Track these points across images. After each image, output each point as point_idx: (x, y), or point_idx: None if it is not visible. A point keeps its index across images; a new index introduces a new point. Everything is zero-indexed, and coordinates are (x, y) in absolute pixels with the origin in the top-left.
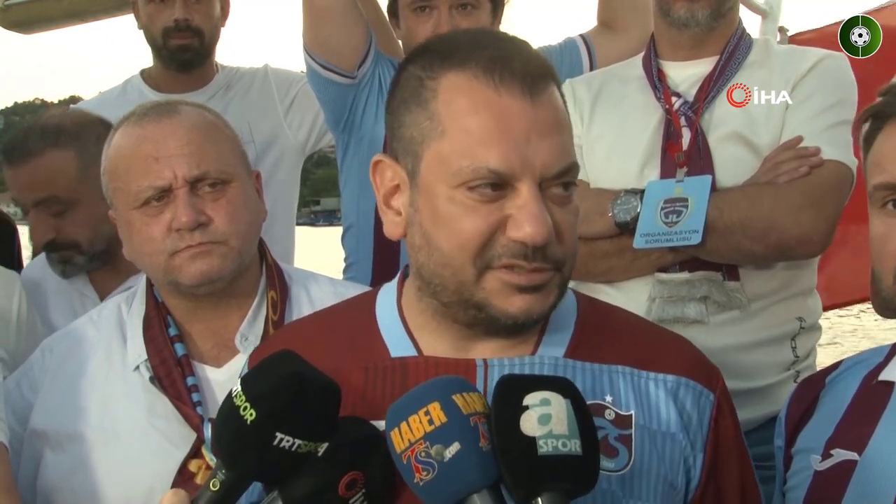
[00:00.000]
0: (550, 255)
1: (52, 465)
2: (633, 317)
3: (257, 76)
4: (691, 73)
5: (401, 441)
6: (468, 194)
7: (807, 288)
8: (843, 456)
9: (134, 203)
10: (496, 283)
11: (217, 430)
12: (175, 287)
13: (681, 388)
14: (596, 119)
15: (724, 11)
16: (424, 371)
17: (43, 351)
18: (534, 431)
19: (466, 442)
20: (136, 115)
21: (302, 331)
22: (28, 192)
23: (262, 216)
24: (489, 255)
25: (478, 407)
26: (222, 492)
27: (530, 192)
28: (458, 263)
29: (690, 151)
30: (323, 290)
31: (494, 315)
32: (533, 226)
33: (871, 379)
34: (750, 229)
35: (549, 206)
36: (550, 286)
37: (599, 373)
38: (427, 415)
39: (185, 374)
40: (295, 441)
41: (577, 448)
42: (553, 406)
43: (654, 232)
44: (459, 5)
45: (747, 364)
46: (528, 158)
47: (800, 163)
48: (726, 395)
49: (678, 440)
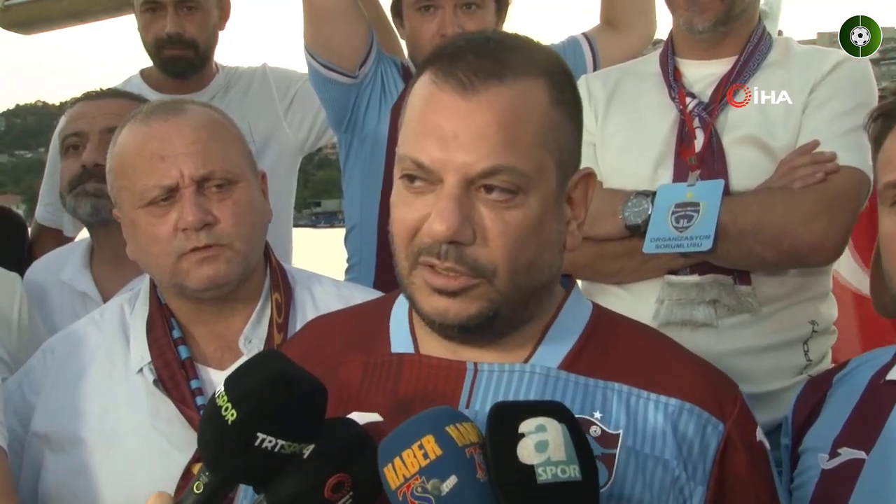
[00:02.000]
0: (469, 259)
1: (53, 469)
2: (653, 336)
3: (256, 75)
4: (709, 72)
5: (395, 477)
6: (403, 183)
7: (821, 292)
8: (851, 455)
9: (140, 202)
10: (419, 280)
11: (200, 432)
12: (180, 290)
13: (683, 414)
14: (610, 117)
15: (737, 14)
16: (417, 369)
17: (44, 352)
18: (532, 459)
19: (463, 474)
20: (142, 113)
21: (331, 322)
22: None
23: (268, 217)
24: (415, 248)
25: (472, 437)
26: (206, 494)
27: (448, 188)
28: (399, 252)
29: (704, 154)
30: (327, 291)
31: (420, 312)
32: (437, 221)
33: (878, 378)
34: (762, 235)
35: (475, 208)
36: (472, 295)
37: (593, 388)
38: (421, 448)
39: (189, 377)
40: (278, 442)
41: (576, 473)
42: (549, 432)
43: (665, 237)
44: (464, 4)
45: (758, 368)
46: (450, 155)
47: (815, 168)
48: (742, 425)
49: (670, 467)
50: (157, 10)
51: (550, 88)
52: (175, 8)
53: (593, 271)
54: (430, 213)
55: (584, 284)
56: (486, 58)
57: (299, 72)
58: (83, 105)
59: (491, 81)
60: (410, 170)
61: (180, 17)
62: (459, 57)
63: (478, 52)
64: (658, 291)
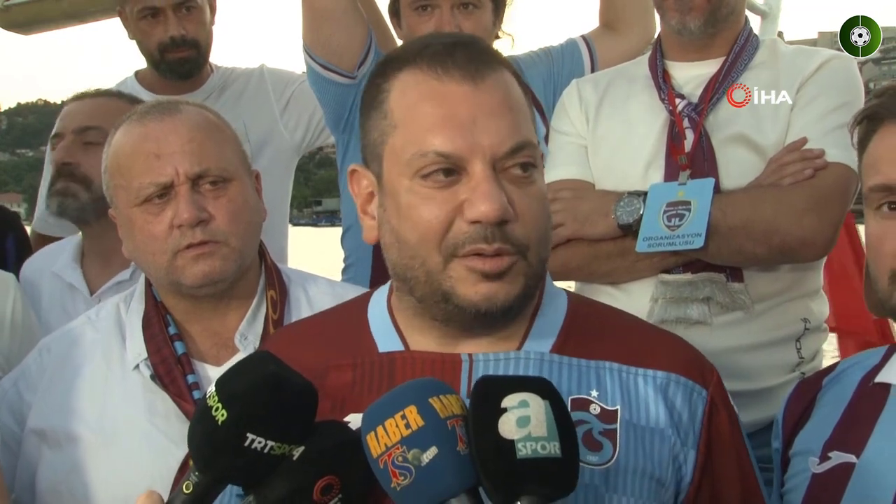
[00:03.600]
0: (511, 236)
1: (50, 466)
2: (626, 315)
3: (253, 76)
4: (697, 73)
5: (377, 445)
6: (423, 182)
7: (812, 289)
8: (841, 458)
9: (135, 200)
10: (462, 271)
11: (190, 432)
12: (176, 287)
13: (671, 385)
14: (601, 119)
15: (724, 16)
16: (411, 366)
17: (40, 351)
18: (512, 434)
19: (444, 446)
20: (137, 113)
21: (299, 331)
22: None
23: (262, 216)
24: (452, 242)
25: (455, 410)
26: (195, 494)
27: (482, 171)
28: (425, 253)
29: (694, 153)
30: (322, 291)
31: (459, 304)
32: (485, 203)
33: (868, 381)
34: (753, 232)
35: (506, 188)
36: (514, 272)
37: (586, 368)
38: (404, 418)
39: (186, 372)
40: (267, 443)
41: (556, 450)
42: (532, 408)
43: (657, 236)
44: (461, 4)
45: (751, 365)
46: (475, 139)
47: (804, 165)
48: (721, 391)
49: (667, 437)
50: (156, 15)
51: (516, 76)
52: (174, 11)
53: (587, 272)
54: (458, 203)
55: (578, 285)
56: (474, 48)
57: (297, 73)
58: (68, 106)
59: (488, 68)
60: (434, 164)
61: (180, 19)
62: (452, 50)
63: (465, 45)
64: (651, 290)
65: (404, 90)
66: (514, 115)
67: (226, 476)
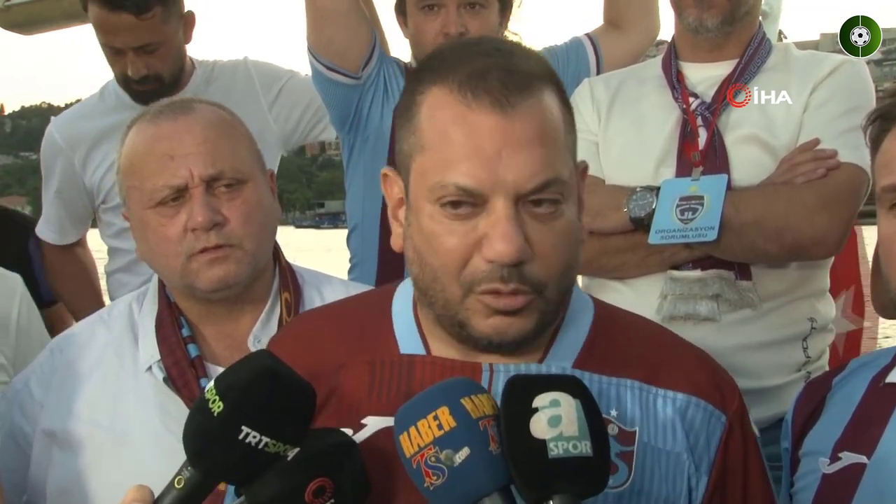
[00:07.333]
0: (528, 276)
1: (61, 466)
2: (650, 327)
3: (238, 70)
4: (710, 74)
5: (410, 445)
6: (443, 211)
7: (819, 289)
8: (852, 459)
9: (149, 202)
10: (477, 305)
11: (185, 424)
12: (190, 291)
13: (690, 408)
14: (613, 118)
15: (740, 16)
16: (430, 371)
17: (52, 350)
18: (544, 434)
19: (476, 446)
20: (150, 113)
21: (315, 321)
22: None
23: (277, 216)
24: (470, 277)
25: (487, 410)
26: (186, 490)
27: (502, 209)
28: (445, 281)
29: (706, 152)
30: (336, 292)
31: (472, 335)
32: (502, 244)
33: (878, 381)
34: (765, 228)
35: (528, 224)
36: (529, 310)
37: (607, 386)
38: (436, 419)
39: (199, 375)
40: (262, 438)
41: (587, 449)
42: (563, 407)
43: (670, 228)
44: (468, 4)
45: (758, 363)
46: (498, 175)
47: (817, 164)
48: (740, 416)
49: (682, 460)
50: (118, 53)
51: (558, 92)
52: (135, 52)
53: (597, 266)
54: (478, 238)
55: (585, 280)
56: (511, 70)
57: (284, 68)
58: None
59: (523, 94)
60: (454, 196)
61: (141, 59)
62: (486, 73)
63: (501, 65)
64: (659, 287)
65: (433, 110)
66: (545, 148)
67: (217, 470)
